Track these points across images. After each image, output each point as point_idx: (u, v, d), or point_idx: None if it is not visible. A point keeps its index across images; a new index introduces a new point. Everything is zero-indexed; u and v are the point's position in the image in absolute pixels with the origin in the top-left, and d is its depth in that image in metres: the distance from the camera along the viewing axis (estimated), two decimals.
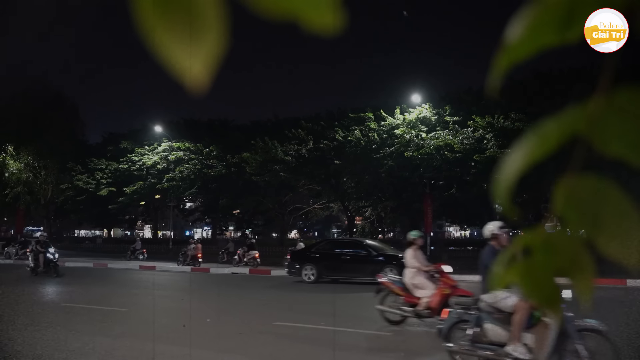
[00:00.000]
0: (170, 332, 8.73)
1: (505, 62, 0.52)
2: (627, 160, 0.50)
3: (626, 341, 7.49)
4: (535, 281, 0.52)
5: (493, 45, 0.56)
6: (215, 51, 0.47)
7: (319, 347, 7.87)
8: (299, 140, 29.49)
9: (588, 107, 0.51)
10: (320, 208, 38.75)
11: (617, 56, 0.60)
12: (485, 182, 25.04)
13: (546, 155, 0.51)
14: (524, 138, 0.53)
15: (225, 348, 7.64)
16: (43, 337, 8.22)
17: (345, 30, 0.48)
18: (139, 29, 0.47)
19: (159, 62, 0.47)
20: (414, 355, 7.65)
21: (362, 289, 14.71)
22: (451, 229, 77.32)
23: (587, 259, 0.51)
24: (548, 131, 0.51)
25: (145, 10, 0.46)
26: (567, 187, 0.51)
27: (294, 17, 0.47)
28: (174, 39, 0.47)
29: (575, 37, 0.53)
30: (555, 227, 0.53)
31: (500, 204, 0.53)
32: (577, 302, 0.55)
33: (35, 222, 60.39)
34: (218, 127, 38.32)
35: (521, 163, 0.52)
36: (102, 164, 37.40)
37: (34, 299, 13.67)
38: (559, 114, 0.52)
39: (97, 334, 8.53)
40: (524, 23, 0.51)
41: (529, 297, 0.53)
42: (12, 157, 37.51)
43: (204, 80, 0.49)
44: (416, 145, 25.75)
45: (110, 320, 10.00)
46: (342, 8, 0.47)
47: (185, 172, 34.27)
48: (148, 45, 0.47)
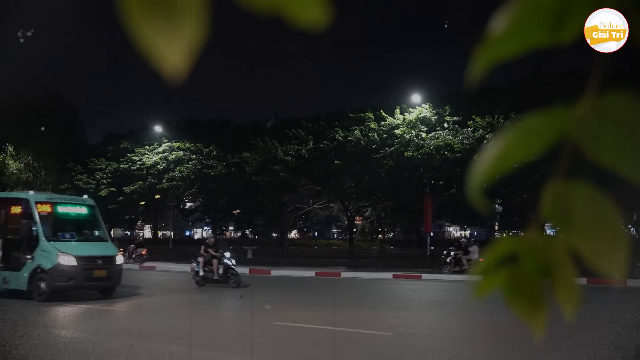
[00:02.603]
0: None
1: (489, 56, 0.50)
2: (614, 169, 0.48)
3: None
4: (520, 289, 0.50)
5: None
6: (195, 40, 0.47)
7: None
8: (299, 140, 29.46)
9: (577, 109, 0.49)
10: (320, 208, 38.70)
11: (607, 57, 0.58)
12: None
13: (532, 155, 0.50)
14: (504, 132, 0.51)
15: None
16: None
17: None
18: (120, 16, 0.46)
19: (138, 49, 0.47)
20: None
21: None
22: (451, 229, 77.21)
23: (571, 268, 0.49)
24: (533, 128, 0.50)
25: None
26: (553, 193, 0.49)
27: (279, 11, 0.46)
28: (154, 26, 0.46)
29: (568, 38, 0.51)
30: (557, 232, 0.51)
31: (473, 198, 0.51)
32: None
33: None
34: (218, 127, 38.28)
35: (502, 159, 0.50)
36: (102, 164, 37.36)
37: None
38: (545, 111, 0.51)
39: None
40: (508, 18, 0.50)
41: (511, 305, 0.51)
42: (12, 157, 37.50)
43: (182, 68, 0.48)
44: (416, 145, 25.72)
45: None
46: (328, 2, 0.46)
47: (185, 172, 34.25)
48: (128, 32, 0.46)
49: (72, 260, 13.07)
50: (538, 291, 0.50)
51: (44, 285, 12.98)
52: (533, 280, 0.50)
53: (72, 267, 13.03)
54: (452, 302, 13.65)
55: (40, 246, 13.28)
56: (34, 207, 13.70)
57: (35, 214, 13.61)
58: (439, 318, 10.81)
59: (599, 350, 7.61)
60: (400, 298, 14.16)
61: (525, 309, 0.50)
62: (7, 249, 13.80)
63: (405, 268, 23.41)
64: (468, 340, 8.62)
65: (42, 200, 14.24)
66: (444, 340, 8.47)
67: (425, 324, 9.84)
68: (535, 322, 0.51)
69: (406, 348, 7.96)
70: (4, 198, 15.28)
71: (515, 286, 0.50)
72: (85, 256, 13.34)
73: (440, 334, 8.92)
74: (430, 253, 27.67)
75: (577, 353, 7.44)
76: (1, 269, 13.69)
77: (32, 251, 13.30)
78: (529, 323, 0.50)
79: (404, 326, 9.59)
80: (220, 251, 16.46)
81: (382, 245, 36.19)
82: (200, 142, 34.73)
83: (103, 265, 13.66)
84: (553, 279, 0.49)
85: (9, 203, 14.54)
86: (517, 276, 0.50)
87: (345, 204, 33.78)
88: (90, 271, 13.32)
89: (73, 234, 14.17)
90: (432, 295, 15.30)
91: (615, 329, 9.36)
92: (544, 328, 0.49)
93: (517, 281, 0.50)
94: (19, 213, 13.97)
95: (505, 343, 8.06)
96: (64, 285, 13.08)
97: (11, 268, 13.52)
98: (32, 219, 13.53)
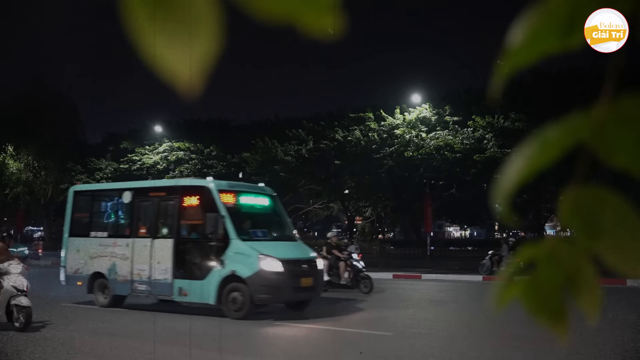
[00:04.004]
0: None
1: (507, 68, 0.50)
2: (631, 172, 0.48)
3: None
4: (540, 297, 0.49)
5: (494, 45, 0.55)
6: (209, 54, 0.46)
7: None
8: (299, 140, 29.45)
9: (592, 115, 0.49)
10: (320, 208, 38.66)
11: (622, 59, 0.58)
12: (486, 182, 25.01)
13: (549, 164, 0.50)
14: (525, 145, 0.51)
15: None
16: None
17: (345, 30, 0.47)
18: (127, 30, 0.45)
19: (147, 64, 0.46)
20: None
21: None
22: (451, 229, 77.22)
23: (594, 273, 0.49)
24: (551, 138, 0.50)
25: (134, 10, 0.45)
26: (572, 198, 0.49)
27: (291, 20, 0.46)
28: (166, 41, 0.45)
29: (577, 43, 0.52)
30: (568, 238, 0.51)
31: (501, 211, 0.51)
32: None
33: (35, 222, 60.34)
34: (218, 127, 38.24)
35: (523, 171, 0.51)
36: (102, 164, 37.33)
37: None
38: (562, 121, 0.51)
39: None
40: (525, 28, 0.50)
41: (532, 314, 0.50)
42: (12, 157, 37.47)
43: (197, 83, 0.48)
44: (416, 145, 25.71)
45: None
46: (341, 11, 0.46)
47: (186, 172, 34.24)
48: (136, 47, 0.45)
49: (277, 266, 10.23)
50: (559, 298, 0.49)
51: (241, 298, 10.07)
52: (553, 287, 0.49)
53: (277, 274, 10.17)
54: (452, 302, 13.64)
55: (233, 247, 10.30)
56: (217, 198, 10.78)
57: (221, 206, 10.64)
58: (439, 318, 10.81)
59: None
60: (400, 298, 14.15)
61: (548, 317, 0.49)
62: (182, 251, 11.01)
63: (405, 268, 23.40)
64: (468, 340, 8.61)
65: (224, 188, 11.35)
66: (444, 340, 8.47)
67: (426, 324, 9.84)
68: (558, 330, 0.50)
69: (406, 348, 7.96)
70: (173, 187, 12.14)
71: (535, 294, 0.49)
72: (290, 259, 10.56)
73: (440, 334, 8.92)
74: (430, 253, 27.66)
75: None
76: (174, 278, 10.88)
77: (221, 254, 10.35)
78: (551, 331, 0.50)
79: (404, 326, 9.58)
80: (346, 252, 14.63)
81: (382, 245, 36.17)
82: (200, 142, 34.72)
83: (309, 272, 10.88)
84: (574, 285, 0.49)
85: (181, 193, 11.41)
86: (537, 283, 0.50)
87: (345, 204, 33.76)
88: (297, 279, 10.49)
89: (265, 232, 11.42)
90: (432, 295, 15.29)
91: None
92: (567, 335, 0.49)
93: (537, 289, 0.49)
94: (196, 205, 11.18)
95: (505, 343, 8.06)
96: (268, 298, 10.26)
97: (190, 276, 10.71)
98: (218, 213, 10.54)
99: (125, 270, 11.65)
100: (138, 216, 12.19)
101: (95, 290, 12.21)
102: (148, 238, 11.56)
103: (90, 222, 13.20)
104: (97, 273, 12.17)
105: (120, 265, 11.78)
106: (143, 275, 11.37)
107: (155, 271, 11.17)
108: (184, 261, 10.93)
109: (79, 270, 12.61)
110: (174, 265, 10.90)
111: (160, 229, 11.61)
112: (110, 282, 11.91)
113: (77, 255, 12.72)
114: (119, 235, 12.36)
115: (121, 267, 11.75)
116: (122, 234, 12.35)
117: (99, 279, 12.15)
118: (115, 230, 12.66)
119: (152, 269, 11.21)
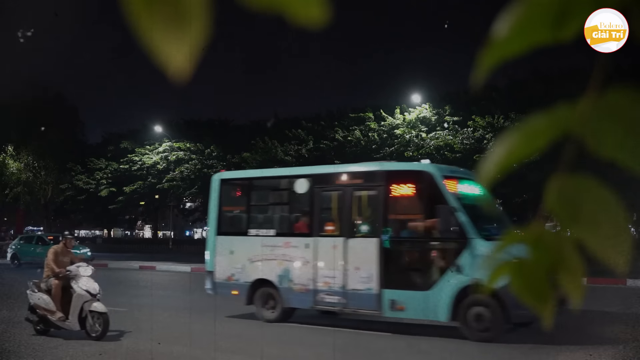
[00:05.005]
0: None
1: (493, 57, 0.51)
2: (617, 162, 0.49)
3: None
4: (527, 280, 0.50)
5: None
6: (199, 41, 0.48)
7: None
8: (299, 140, 29.49)
9: (579, 106, 0.50)
10: None
11: (609, 56, 0.59)
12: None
13: (535, 153, 0.51)
14: (510, 132, 0.52)
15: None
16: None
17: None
18: (126, 17, 0.47)
19: (143, 49, 0.47)
20: None
21: None
22: None
23: (578, 258, 0.50)
24: (537, 128, 0.51)
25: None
26: (557, 186, 0.51)
27: (279, 10, 0.47)
28: (159, 27, 0.47)
29: (569, 35, 0.52)
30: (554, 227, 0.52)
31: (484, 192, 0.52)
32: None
33: (36, 222, 60.41)
34: (218, 127, 38.30)
35: (506, 158, 0.51)
36: (102, 164, 37.38)
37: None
38: (548, 111, 0.52)
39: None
40: (512, 18, 0.51)
41: (519, 295, 0.52)
42: (12, 157, 37.52)
43: (187, 69, 0.49)
44: (416, 145, 25.74)
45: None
46: (328, 0, 0.47)
47: (186, 172, 34.28)
48: (133, 33, 0.47)
49: None
50: (545, 280, 0.51)
51: (488, 314, 8.02)
52: (541, 270, 0.51)
53: None
54: None
55: (474, 248, 8.12)
56: (443, 187, 8.61)
57: (449, 196, 8.50)
58: None
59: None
60: None
61: (534, 298, 0.51)
62: (393, 254, 8.95)
63: None
64: (468, 340, 8.61)
65: (447, 174, 9.11)
66: (444, 340, 8.47)
67: (425, 324, 9.84)
68: (543, 311, 0.52)
69: (406, 348, 7.96)
70: (373, 172, 9.72)
71: (523, 276, 0.51)
72: None
73: (440, 334, 8.92)
74: None
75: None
76: (382, 287, 8.79)
77: (456, 257, 8.28)
78: (537, 312, 0.51)
79: (403, 326, 9.58)
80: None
81: None
82: (201, 142, 34.78)
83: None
84: (560, 269, 0.50)
85: (386, 179, 9.22)
86: (525, 266, 0.51)
87: None
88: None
89: (497, 228, 9.27)
90: None
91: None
92: (552, 316, 0.50)
93: (526, 271, 0.51)
94: (411, 196, 9.21)
95: (505, 343, 8.06)
96: (528, 315, 7.34)
97: (407, 285, 8.66)
98: (448, 204, 8.41)
99: (305, 278, 9.53)
100: (321, 209, 9.99)
101: (256, 301, 10.10)
102: (338, 237, 9.36)
103: (248, 217, 10.89)
104: (260, 280, 10.02)
105: (296, 271, 9.66)
106: (333, 284, 9.25)
107: (351, 279, 9.07)
108: (397, 266, 9.01)
109: (234, 277, 10.38)
110: (382, 271, 8.80)
111: (357, 225, 9.55)
112: (282, 291, 9.76)
113: (230, 259, 10.48)
114: (293, 233, 10.12)
115: (298, 274, 9.63)
116: (297, 232, 10.08)
117: (263, 288, 10.00)
118: (286, 227, 10.43)
119: (347, 276, 9.10)
